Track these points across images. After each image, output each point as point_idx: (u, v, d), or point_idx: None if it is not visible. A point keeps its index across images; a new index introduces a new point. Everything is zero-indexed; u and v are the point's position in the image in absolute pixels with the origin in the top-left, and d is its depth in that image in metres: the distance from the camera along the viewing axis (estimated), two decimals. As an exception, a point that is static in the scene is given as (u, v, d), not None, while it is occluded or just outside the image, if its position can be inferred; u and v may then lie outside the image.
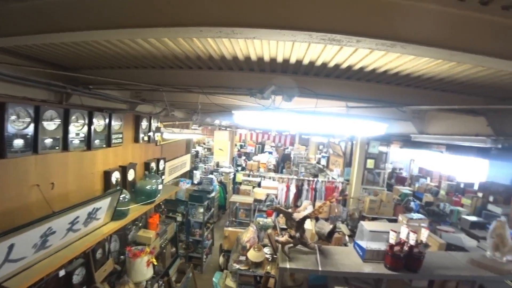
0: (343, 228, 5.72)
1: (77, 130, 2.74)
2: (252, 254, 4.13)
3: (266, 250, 4.34)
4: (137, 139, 3.95)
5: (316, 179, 8.24)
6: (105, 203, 2.72)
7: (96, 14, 1.36)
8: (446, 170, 9.06)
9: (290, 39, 1.25)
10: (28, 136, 2.22)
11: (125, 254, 3.51)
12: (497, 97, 2.71)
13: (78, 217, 2.39)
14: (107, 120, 3.17)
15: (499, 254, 2.79)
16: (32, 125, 2.24)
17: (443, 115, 3.52)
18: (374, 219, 5.74)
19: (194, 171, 8.17)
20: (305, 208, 3.11)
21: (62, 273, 2.60)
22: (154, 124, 4.34)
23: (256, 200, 6.92)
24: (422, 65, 2.01)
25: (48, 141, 2.41)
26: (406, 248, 2.61)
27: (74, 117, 2.67)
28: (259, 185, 7.98)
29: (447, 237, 4.04)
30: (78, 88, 2.51)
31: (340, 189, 7.67)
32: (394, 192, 7.11)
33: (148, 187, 3.63)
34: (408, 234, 2.62)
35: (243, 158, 14.07)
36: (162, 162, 4.83)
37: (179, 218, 6.08)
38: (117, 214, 3.00)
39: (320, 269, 2.61)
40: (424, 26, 1.26)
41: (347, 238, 5.07)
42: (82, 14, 1.38)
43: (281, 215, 4.69)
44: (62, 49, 2.05)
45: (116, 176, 3.47)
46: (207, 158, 13.07)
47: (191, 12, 1.22)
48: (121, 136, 3.46)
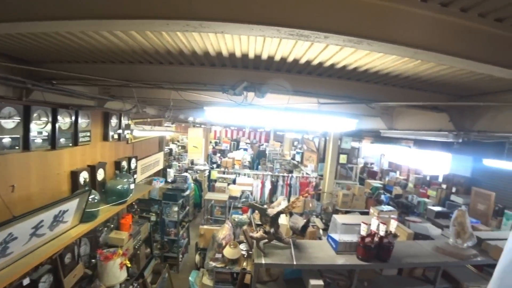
0: (318, 222, 5.84)
1: (39, 128, 2.58)
2: (228, 251, 4.12)
3: (242, 246, 4.35)
4: (106, 137, 3.80)
5: (290, 175, 8.37)
6: (72, 205, 2.60)
7: (54, 2, 1.27)
8: (413, 164, 9.51)
9: (259, 34, 1.25)
10: (-18, 135, 2.06)
11: (96, 258, 3.38)
12: (457, 94, 2.87)
13: (42, 220, 2.26)
14: (73, 117, 3.02)
15: (460, 241, 2.98)
16: (-13, 123, 2.07)
17: (410, 112, 3.68)
18: (347, 213, 5.91)
19: (168, 169, 8.00)
20: (279, 203, 3.14)
21: (26, 281, 2.44)
22: (125, 121, 4.19)
23: (231, 197, 6.91)
24: (389, 63, 2.08)
25: (6, 140, 2.25)
26: (376, 239, 2.72)
27: (36, 114, 2.52)
28: (234, 182, 7.97)
29: (415, 227, 4.23)
30: (40, 83, 2.34)
31: (314, 184, 7.84)
32: (365, 186, 7.36)
33: (119, 187, 3.51)
34: (378, 225, 2.73)
35: (218, 155, 13.97)
36: (133, 160, 4.68)
37: (153, 218, 5.91)
38: (86, 216, 2.87)
39: (294, 263, 2.65)
40: (389, 25, 1.31)
41: (321, 231, 5.19)
42: (39, 2, 1.28)
43: (256, 211, 4.71)
44: (20, 41, 1.90)
45: (84, 176, 3.33)
46: (181, 155, 12.83)
47: (156, 4, 1.18)
48: (89, 134, 3.32)
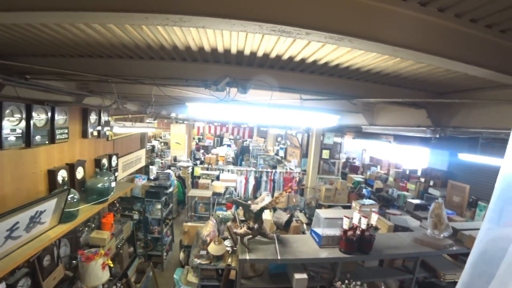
0: (301, 216, 5.91)
1: (12, 125, 2.46)
2: (212, 248, 4.10)
3: (227, 243, 4.34)
4: (85, 134, 3.68)
5: (274, 171, 8.42)
6: (50, 205, 2.50)
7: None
8: (394, 159, 9.78)
9: (241, 30, 1.24)
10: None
11: (77, 259, 3.27)
12: (435, 91, 2.97)
13: (18, 222, 2.16)
14: (50, 114, 2.90)
15: (437, 232, 3.11)
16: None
17: (390, 108, 3.77)
18: (330, 207, 6.01)
19: (150, 166, 7.86)
20: (262, 199, 3.16)
21: (2, 286, 2.33)
22: (104, 118, 4.07)
23: (215, 193, 6.87)
24: (370, 60, 2.12)
25: (-24, 138, 2.14)
26: (358, 232, 2.79)
27: (8, 111, 2.39)
28: (218, 178, 7.93)
29: (395, 219, 4.36)
30: (12, 78, 2.23)
31: (297, 179, 7.91)
32: (348, 180, 7.50)
33: (99, 185, 3.41)
34: (360, 219, 2.80)
35: (202, 151, 13.83)
36: (114, 158, 4.56)
37: (136, 216, 5.79)
38: (65, 216, 2.77)
39: (279, 257, 2.68)
40: (369, 23, 1.33)
41: (305, 226, 5.26)
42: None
43: (240, 207, 4.72)
44: (-11, 33, 1.82)
45: (62, 175, 3.21)
46: (164, 152, 12.64)
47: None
48: (66, 131, 3.19)
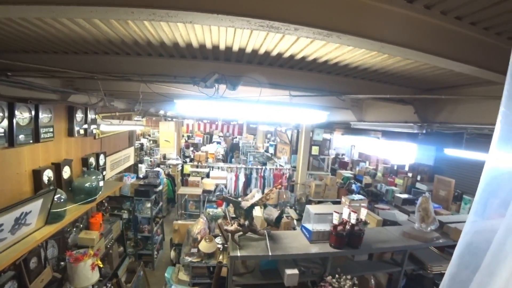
0: (292, 212, 5.95)
1: (-6, 124, 2.38)
2: (203, 246, 4.09)
3: (218, 240, 4.34)
4: (71, 133, 3.59)
5: (264, 167, 8.43)
6: (36, 206, 2.44)
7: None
8: (382, 154, 9.92)
9: (229, 25, 1.22)
10: None
11: (65, 260, 3.21)
12: (422, 88, 3.02)
13: (2, 224, 2.10)
14: (33, 112, 2.80)
15: (425, 225, 3.18)
16: None
17: (378, 104, 3.82)
18: (320, 203, 6.07)
19: (139, 165, 7.74)
20: (253, 196, 3.16)
21: (-14, 289, 2.29)
22: (91, 115, 3.98)
23: (205, 191, 6.85)
24: (358, 56, 2.14)
25: (-43, 138, 2.06)
26: (348, 227, 2.82)
27: (-11, 109, 2.32)
28: (208, 175, 7.89)
29: (383, 214, 4.43)
30: (-7, 75, 2.18)
31: (287, 175, 7.95)
32: (337, 176, 7.58)
33: (87, 185, 3.34)
34: (349, 214, 2.83)
35: (191, 149, 13.74)
36: (102, 156, 4.47)
37: (125, 215, 5.74)
38: (52, 217, 2.70)
39: (270, 254, 2.70)
40: (357, 19, 1.34)
41: (295, 222, 5.29)
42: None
43: (231, 204, 4.71)
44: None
45: (48, 174, 3.12)
46: (153, 150, 12.49)
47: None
48: (51, 130, 3.10)
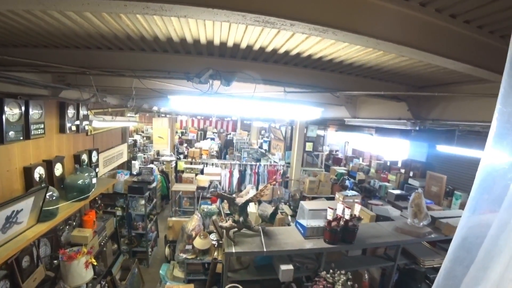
0: (286, 208, 5.98)
1: (-18, 121, 2.34)
2: (198, 242, 4.09)
3: (212, 236, 4.34)
4: (63, 129, 3.53)
5: (258, 164, 8.44)
6: (27, 204, 2.40)
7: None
8: (375, 151, 10.00)
9: (224, 20, 1.21)
10: None
11: (59, 258, 3.18)
12: (415, 85, 3.04)
13: (-8, 222, 2.08)
14: (23, 108, 2.75)
15: (417, 221, 3.22)
16: None
17: (372, 101, 3.84)
18: (314, 199, 6.11)
19: (133, 161, 7.67)
20: (247, 192, 3.16)
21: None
22: (83, 112, 3.92)
23: (199, 187, 6.83)
24: (353, 53, 2.14)
25: None
26: (342, 222, 2.85)
27: (-22, 105, 2.27)
28: (202, 172, 7.87)
29: (377, 209, 4.48)
30: (-19, 70, 2.13)
31: (281, 172, 7.98)
32: (331, 172, 7.62)
33: (79, 182, 3.29)
34: (343, 210, 2.86)
35: (185, 145, 13.68)
36: (95, 153, 4.42)
37: (119, 212, 5.70)
38: (44, 215, 2.66)
39: (265, 250, 2.71)
40: (354, 15, 1.33)
41: (290, 218, 5.32)
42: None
43: (225, 201, 4.71)
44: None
45: (39, 172, 3.07)
46: (147, 147, 12.41)
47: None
48: (42, 126, 3.05)
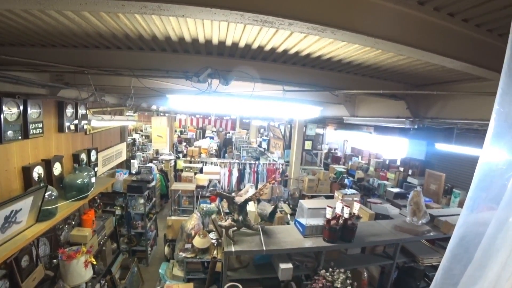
0: (285, 207, 5.98)
1: (-20, 120, 2.33)
2: (197, 241, 4.09)
3: (212, 235, 4.35)
4: (62, 129, 3.52)
5: (257, 162, 8.45)
6: (26, 204, 2.40)
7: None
8: (374, 149, 10.01)
9: (222, 19, 1.20)
10: None
11: (58, 258, 3.18)
12: (414, 84, 3.04)
13: (-9, 222, 2.07)
14: (22, 107, 2.74)
15: (416, 219, 3.23)
16: None
17: (371, 99, 3.84)
18: (313, 197, 6.12)
19: (132, 160, 7.68)
20: (246, 191, 3.16)
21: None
22: (82, 111, 3.92)
23: (198, 186, 6.83)
24: (352, 52, 2.14)
25: None
26: (341, 221, 2.85)
27: (-25, 105, 2.27)
28: (201, 171, 7.88)
29: (376, 208, 4.49)
30: (-22, 70, 2.12)
31: (280, 170, 7.98)
32: (330, 170, 7.64)
33: (78, 181, 3.30)
34: (342, 208, 2.86)
35: (184, 144, 13.67)
36: (93, 152, 4.42)
37: (118, 212, 5.70)
38: (43, 215, 2.66)
39: (264, 248, 2.71)
40: (352, 14, 1.33)
41: (289, 216, 5.33)
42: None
43: (225, 200, 4.72)
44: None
45: (38, 171, 3.07)
46: (145, 146, 12.40)
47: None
48: (41, 125, 3.04)
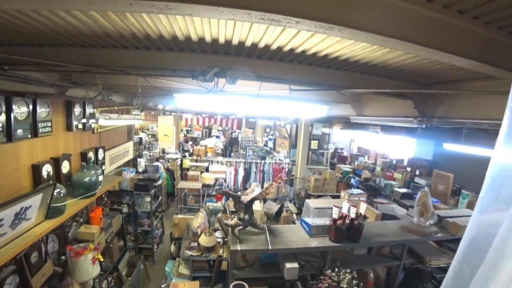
0: (291, 206, 5.98)
1: (-8, 119, 2.36)
2: (203, 240, 4.11)
3: (218, 234, 4.36)
4: (70, 127, 3.57)
5: (263, 161, 8.45)
6: (35, 201, 2.43)
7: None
8: (381, 149, 9.93)
9: (229, 18, 1.20)
10: None
11: (66, 254, 3.23)
12: (421, 82, 3.00)
13: (2, 219, 2.10)
14: (31, 106, 2.78)
15: (423, 220, 3.19)
16: None
17: (377, 98, 3.80)
18: (319, 197, 6.09)
19: (138, 159, 7.75)
20: (253, 190, 3.16)
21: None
22: (89, 110, 3.96)
23: (204, 185, 6.86)
24: (359, 50, 2.12)
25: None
26: (347, 221, 2.83)
27: (-14, 104, 2.30)
28: (207, 170, 7.91)
29: (382, 208, 4.45)
30: (-11, 69, 2.15)
31: (286, 170, 7.97)
32: (336, 170, 7.59)
33: (86, 179, 3.34)
34: (349, 208, 2.84)
35: (190, 143, 13.73)
36: (101, 151, 4.47)
37: (125, 209, 5.74)
38: (52, 212, 2.70)
39: (270, 248, 2.71)
40: (360, 12, 1.32)
41: (295, 216, 5.32)
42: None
43: (230, 199, 4.73)
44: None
45: (47, 169, 3.11)
46: (152, 144, 12.49)
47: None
48: (50, 124, 3.09)
